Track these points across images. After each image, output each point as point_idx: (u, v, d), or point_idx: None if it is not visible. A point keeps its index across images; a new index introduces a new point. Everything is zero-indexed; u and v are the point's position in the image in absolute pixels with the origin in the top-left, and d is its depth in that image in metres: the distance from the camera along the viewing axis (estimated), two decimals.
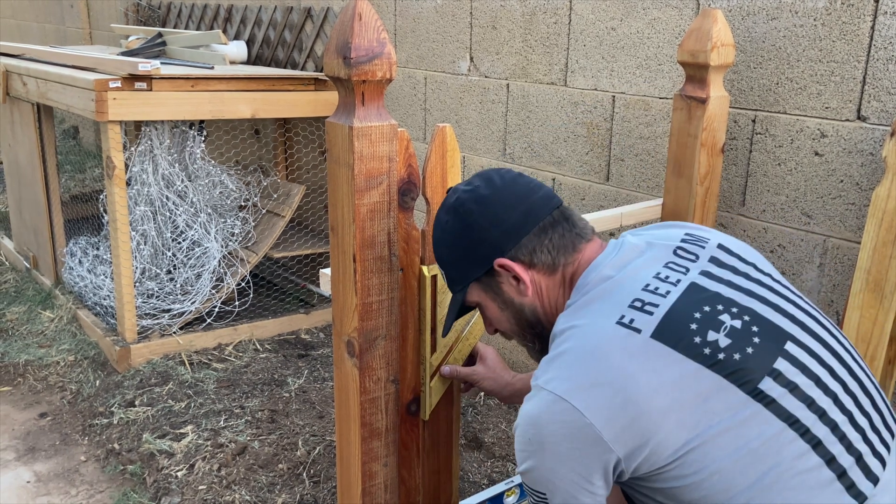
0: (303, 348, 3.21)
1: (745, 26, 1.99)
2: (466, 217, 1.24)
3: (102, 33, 5.93)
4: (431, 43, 2.99)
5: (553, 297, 1.25)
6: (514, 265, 1.22)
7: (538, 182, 1.28)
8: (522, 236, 1.22)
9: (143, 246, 3.20)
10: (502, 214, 1.22)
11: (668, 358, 1.05)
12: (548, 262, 1.23)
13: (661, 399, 1.02)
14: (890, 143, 1.65)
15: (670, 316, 1.09)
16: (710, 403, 1.03)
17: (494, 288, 1.27)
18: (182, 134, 3.24)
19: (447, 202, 1.28)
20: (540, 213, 1.23)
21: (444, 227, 1.28)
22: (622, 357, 1.06)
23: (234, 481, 2.26)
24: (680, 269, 1.16)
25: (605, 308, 1.12)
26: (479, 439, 2.52)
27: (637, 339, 1.07)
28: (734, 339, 1.07)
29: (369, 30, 1.24)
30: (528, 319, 1.28)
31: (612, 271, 1.17)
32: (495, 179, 1.26)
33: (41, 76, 3.26)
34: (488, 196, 1.23)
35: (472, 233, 1.24)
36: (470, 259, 1.26)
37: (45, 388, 2.86)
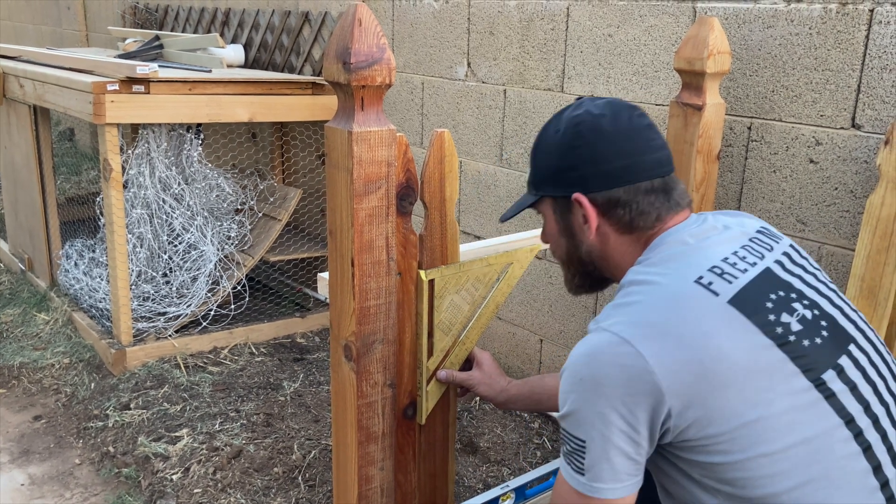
0: (298, 352, 3.21)
1: (741, 34, 2.00)
2: (575, 140, 1.22)
3: (99, 35, 5.93)
4: (429, 48, 3.00)
5: (620, 251, 1.24)
6: (589, 208, 1.22)
7: (662, 142, 1.25)
8: (613, 187, 1.20)
9: (139, 249, 3.20)
10: (608, 156, 1.20)
11: (742, 327, 1.04)
12: (624, 220, 1.21)
13: (729, 365, 1.01)
14: (884, 151, 1.66)
15: (748, 289, 1.08)
16: (775, 382, 1.02)
17: (563, 213, 1.27)
18: (179, 137, 3.24)
19: (573, 113, 1.25)
20: (643, 173, 1.21)
21: (551, 134, 1.27)
22: (698, 314, 1.05)
23: (229, 485, 2.26)
24: (756, 254, 1.16)
25: (683, 267, 1.11)
26: (475, 444, 2.52)
27: (715, 301, 1.06)
28: (805, 327, 1.07)
29: (369, 35, 1.25)
30: (580, 256, 1.29)
31: (691, 239, 1.17)
32: (623, 118, 1.22)
33: (38, 78, 3.26)
34: (607, 132, 1.21)
35: (571, 157, 1.22)
36: (555, 176, 1.25)
37: (40, 391, 2.86)
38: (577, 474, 1.09)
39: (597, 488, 1.07)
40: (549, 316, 2.71)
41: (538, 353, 2.79)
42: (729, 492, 1.04)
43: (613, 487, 1.07)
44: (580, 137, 1.21)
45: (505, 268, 1.62)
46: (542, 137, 1.29)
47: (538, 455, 2.48)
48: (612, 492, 1.07)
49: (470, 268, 1.55)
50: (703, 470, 1.05)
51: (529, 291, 2.77)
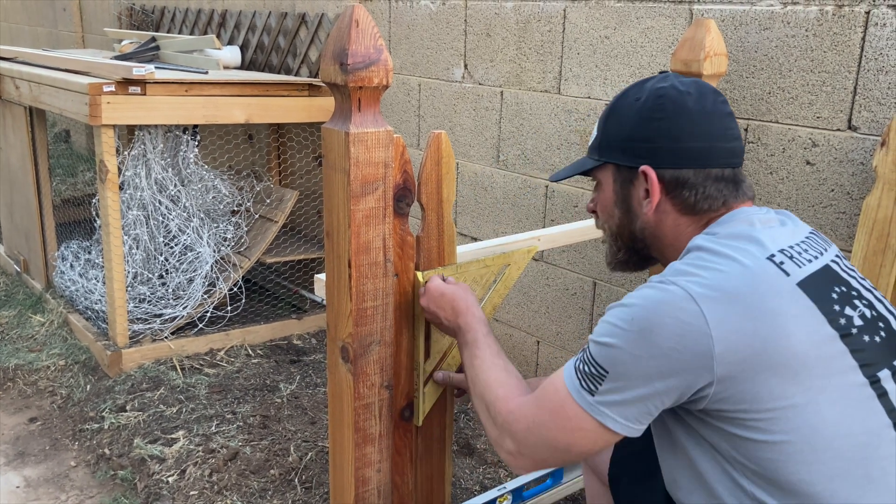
0: (295, 354, 3.21)
1: (737, 36, 2.00)
2: (656, 112, 1.19)
3: (95, 37, 5.92)
4: (426, 50, 3.00)
5: (676, 231, 1.22)
6: (655, 183, 1.19)
7: (738, 133, 1.23)
8: (684, 167, 1.18)
9: (135, 250, 3.19)
10: (686, 135, 1.18)
11: (809, 311, 1.03)
12: (688, 202, 1.19)
13: (789, 346, 1.00)
14: (880, 152, 1.67)
15: (815, 276, 1.08)
16: (832, 372, 1.01)
17: (624, 183, 1.24)
18: (175, 138, 3.24)
19: (657, 84, 1.22)
20: (716, 159, 1.19)
21: (631, 101, 1.23)
22: (768, 290, 1.03)
23: (225, 487, 2.25)
24: (815, 250, 1.15)
25: (755, 243, 1.09)
26: (472, 446, 2.52)
27: (785, 281, 1.05)
28: (865, 324, 1.06)
29: (366, 36, 1.24)
30: (632, 231, 1.26)
31: (758, 223, 1.15)
32: (708, 101, 1.20)
33: (34, 79, 3.25)
34: (690, 111, 1.18)
35: (648, 128, 1.20)
36: (626, 144, 1.22)
37: (35, 393, 2.85)
38: (585, 392, 1.08)
39: (602, 412, 1.06)
40: (545, 318, 2.71)
41: (535, 354, 2.79)
42: (756, 470, 1.02)
43: (616, 420, 1.06)
44: (662, 110, 1.19)
45: (502, 269, 1.62)
46: (618, 103, 1.26)
47: None
48: (614, 423, 1.06)
49: (467, 269, 1.55)
50: (733, 444, 1.04)
51: (526, 293, 2.77)
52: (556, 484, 2.06)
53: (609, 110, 1.27)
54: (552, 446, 1.12)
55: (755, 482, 1.03)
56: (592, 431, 1.08)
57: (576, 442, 1.10)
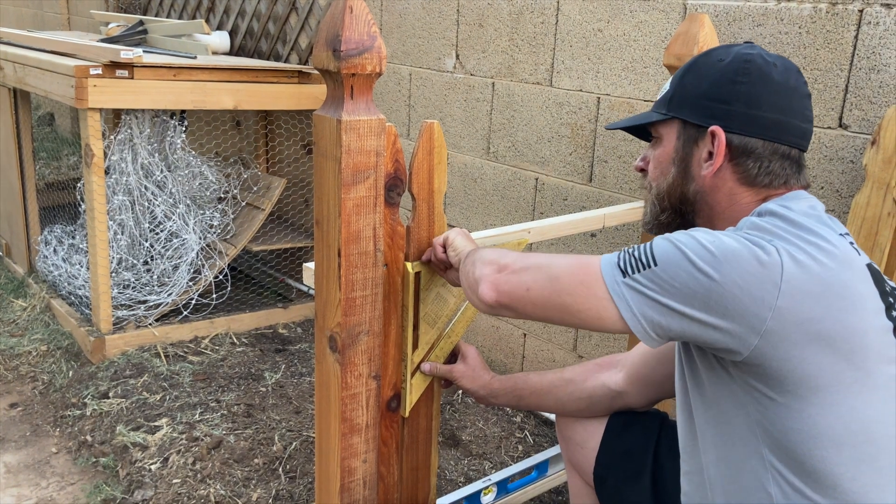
0: (280, 343, 3.19)
1: (731, 31, 2.00)
2: (739, 75, 1.16)
3: (81, 19, 5.85)
4: (417, 39, 2.98)
5: (731, 201, 1.18)
6: (723, 146, 1.15)
7: (812, 116, 1.21)
8: (756, 136, 1.15)
9: (120, 236, 3.16)
10: (764, 104, 1.15)
11: (873, 295, 1.02)
12: (751, 173, 1.16)
13: (852, 324, 0.99)
14: (870, 151, 1.67)
15: (872, 265, 1.07)
16: (881, 360, 1.00)
17: (688, 142, 1.20)
18: (162, 123, 3.20)
19: (744, 50, 1.18)
20: (787, 136, 1.16)
21: (714, 61, 1.19)
22: (844, 261, 1.01)
23: (208, 475, 2.24)
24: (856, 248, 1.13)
25: (824, 224, 1.07)
26: (457, 437, 2.52)
27: (858, 259, 1.04)
28: None
29: (360, 23, 1.23)
30: (684, 192, 1.22)
31: (818, 206, 1.14)
32: (792, 76, 1.17)
33: (19, 61, 3.20)
34: (774, 81, 1.15)
35: (728, 89, 1.16)
36: (700, 102, 1.19)
37: (16, 378, 2.82)
38: (617, 271, 1.04)
39: (622, 296, 1.03)
40: None
41: (521, 347, 2.79)
42: (781, 444, 1.01)
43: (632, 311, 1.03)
44: (746, 74, 1.15)
45: None
46: (701, 60, 1.22)
47: (520, 449, 2.48)
48: (628, 312, 1.03)
49: None
50: (763, 407, 1.02)
51: None
52: (541, 476, 2.06)
53: (688, 66, 1.23)
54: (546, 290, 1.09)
55: (780, 458, 1.02)
56: (601, 306, 1.04)
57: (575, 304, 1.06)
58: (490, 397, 1.65)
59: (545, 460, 2.06)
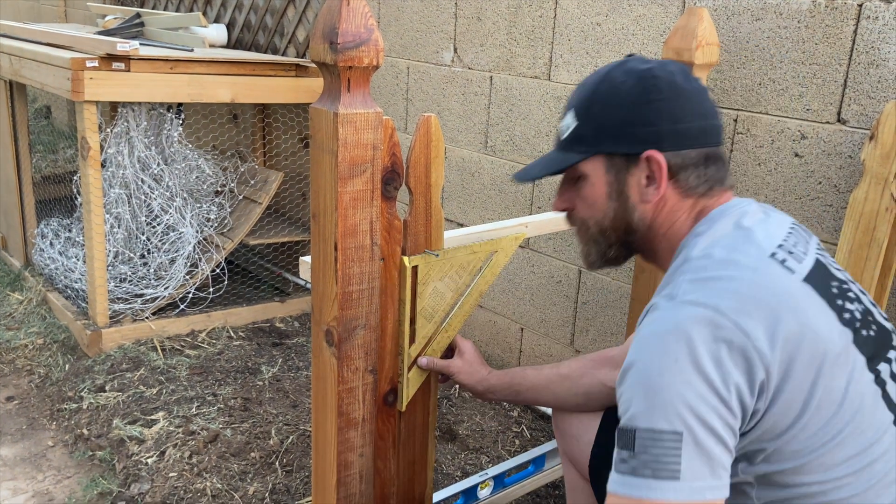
0: (277, 337, 3.19)
1: (729, 26, 1.99)
2: (651, 93, 1.12)
3: (78, 11, 5.82)
4: (415, 32, 2.97)
5: (675, 221, 1.16)
6: (664, 168, 1.12)
7: (716, 109, 1.19)
8: (687, 147, 1.13)
9: (116, 229, 3.15)
10: (686, 115, 1.12)
11: (820, 306, 1.00)
12: (691, 185, 1.14)
13: (822, 339, 0.97)
14: (869, 146, 1.67)
15: (815, 271, 1.04)
16: (850, 370, 0.99)
17: (620, 173, 1.16)
18: (159, 116, 3.19)
19: (640, 66, 1.15)
20: (713, 137, 1.15)
21: (617, 86, 1.14)
22: (783, 288, 0.99)
23: (205, 469, 2.24)
24: (803, 244, 1.11)
25: (754, 243, 1.05)
26: (454, 431, 2.52)
27: (793, 277, 1.01)
28: (861, 318, 1.04)
29: (357, 15, 1.22)
30: (629, 222, 1.18)
31: (748, 219, 1.10)
32: (692, 79, 1.15)
33: (15, 53, 3.19)
34: (682, 89, 1.13)
35: (647, 111, 1.12)
36: (621, 133, 1.14)
37: (13, 372, 2.81)
38: (667, 482, 0.91)
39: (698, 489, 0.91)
40: (530, 305, 2.71)
41: (519, 341, 2.79)
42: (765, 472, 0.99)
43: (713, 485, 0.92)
44: (657, 91, 1.12)
45: (489, 256, 1.61)
46: (600, 88, 1.17)
47: (517, 443, 2.48)
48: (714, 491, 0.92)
49: (454, 255, 1.53)
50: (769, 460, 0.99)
51: (511, 280, 2.76)
52: (538, 470, 2.06)
53: (589, 98, 1.18)
54: None
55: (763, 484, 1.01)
56: None
57: None
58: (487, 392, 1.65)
59: (542, 455, 2.06)
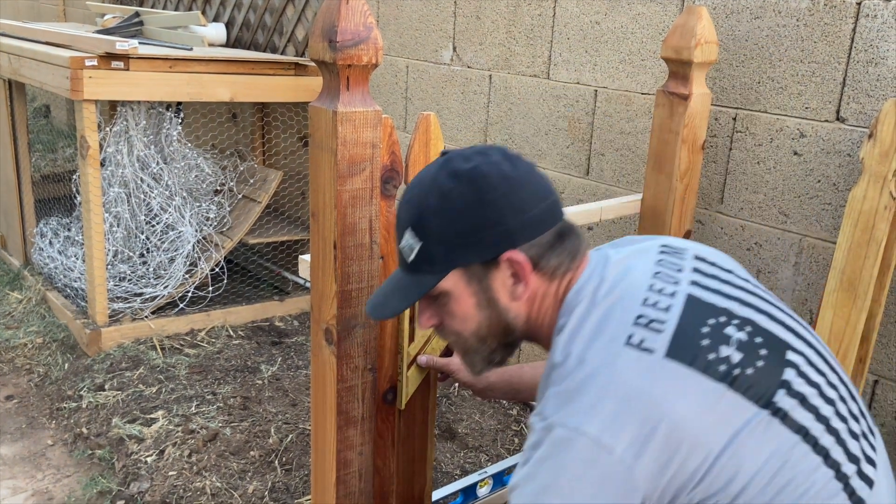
0: (276, 335, 3.19)
1: (728, 24, 2.00)
2: (487, 192, 1.06)
3: (77, 10, 5.82)
4: (414, 31, 2.97)
5: (545, 308, 1.13)
6: (525, 262, 1.08)
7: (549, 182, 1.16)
8: (541, 233, 1.08)
9: (115, 228, 3.15)
10: (528, 202, 1.07)
11: (687, 378, 0.98)
12: (553, 266, 1.10)
13: (692, 421, 0.96)
14: (867, 144, 1.67)
15: (679, 332, 1.01)
16: (732, 421, 0.97)
17: (483, 282, 1.11)
18: (158, 115, 3.19)
19: (463, 166, 1.08)
20: (558, 214, 1.11)
21: (448, 194, 1.08)
22: (641, 382, 0.97)
23: (204, 468, 2.24)
24: (670, 281, 1.08)
25: (609, 330, 1.02)
26: (453, 430, 2.52)
27: (651, 359, 0.98)
28: (745, 353, 1.01)
29: (356, 14, 1.22)
30: (506, 325, 1.14)
31: (604, 291, 1.07)
32: (516, 161, 1.10)
33: (14, 52, 3.19)
34: (514, 176, 1.08)
35: (489, 212, 1.06)
36: (471, 242, 1.08)
37: (12, 371, 2.81)
38: None
39: None
40: None
41: None
42: None
43: None
44: (491, 189, 1.06)
45: None
46: (431, 201, 1.09)
47: (516, 442, 2.48)
48: None
49: None
50: None
51: None
52: None
53: (423, 214, 1.10)
54: None
55: None
56: None
57: None
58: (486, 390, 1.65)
59: None
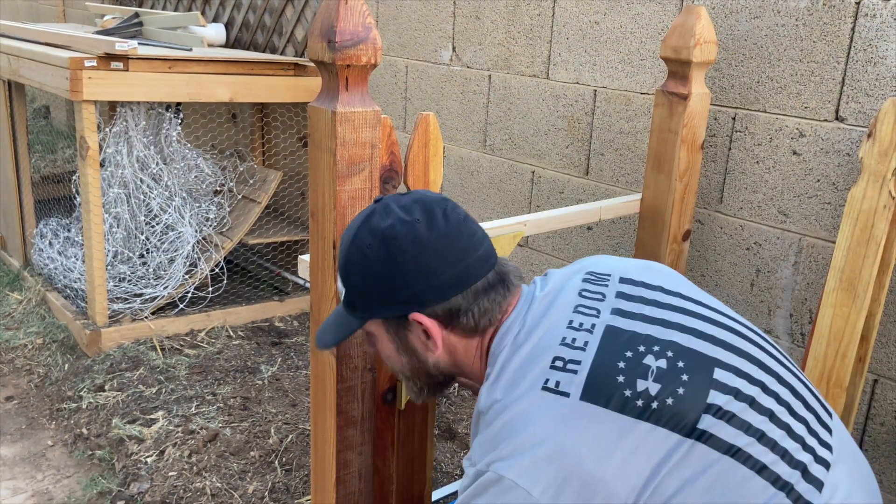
0: (276, 336, 3.19)
1: (727, 24, 2.00)
2: (397, 255, 1.09)
3: (76, 11, 5.82)
4: (414, 31, 2.97)
5: (470, 359, 1.17)
6: (431, 324, 1.12)
7: (483, 232, 1.17)
8: (451, 297, 1.11)
9: (115, 229, 3.15)
10: (437, 267, 1.10)
11: (602, 419, 0.99)
12: (469, 326, 1.13)
13: (607, 466, 0.96)
14: (867, 144, 1.67)
15: (595, 372, 1.02)
16: (651, 456, 0.98)
17: (399, 333, 1.16)
18: (158, 116, 3.19)
19: (381, 223, 1.11)
20: (476, 274, 1.12)
21: (364, 251, 1.12)
22: (556, 428, 0.99)
23: (204, 468, 2.24)
24: (591, 313, 1.10)
25: (528, 375, 1.04)
26: (453, 430, 2.52)
27: (566, 403, 1.00)
28: (664, 383, 1.01)
29: (355, 14, 1.23)
30: (427, 371, 1.20)
31: (524, 334, 1.10)
32: (438, 220, 1.11)
33: (13, 53, 3.19)
34: (427, 240, 1.10)
35: (397, 275, 1.10)
36: (383, 299, 1.13)
37: (12, 371, 2.81)
38: None
39: None
40: None
41: None
42: None
43: None
44: (401, 253, 1.09)
45: None
46: (351, 256, 1.14)
47: None
48: None
49: None
50: None
51: None
52: None
53: (345, 266, 1.15)
54: None
55: None
56: None
57: None
58: None
59: None
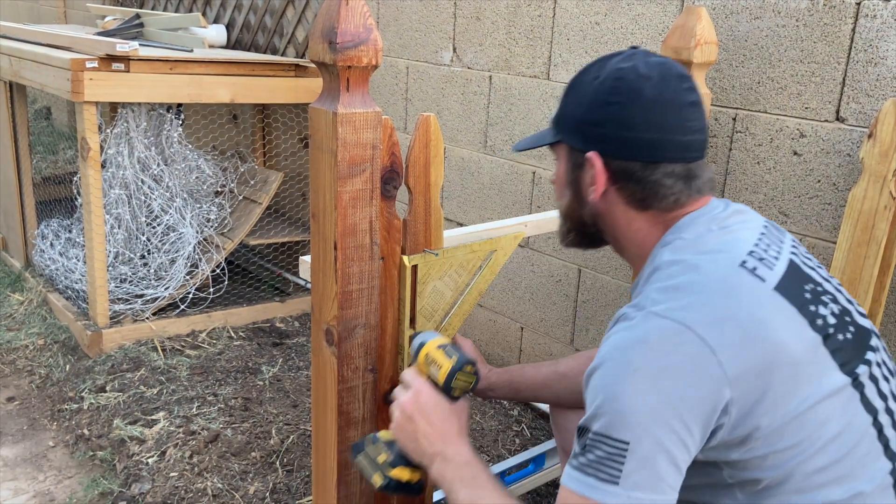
0: (277, 336, 3.19)
1: (728, 25, 2.00)
2: (611, 94, 1.11)
3: (77, 13, 5.82)
4: (414, 32, 2.97)
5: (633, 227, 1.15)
6: (601, 171, 1.13)
7: (700, 125, 1.14)
8: (631, 158, 1.11)
9: (116, 230, 3.16)
10: (637, 124, 1.10)
11: (791, 316, 1.00)
12: (636, 196, 1.13)
13: (787, 355, 0.96)
14: (867, 144, 1.67)
15: (786, 277, 1.03)
16: (820, 377, 0.98)
17: (574, 166, 1.18)
18: (159, 117, 3.19)
19: (619, 64, 1.13)
20: (666, 154, 1.11)
21: (591, 78, 1.15)
22: (751, 300, 0.98)
23: (206, 469, 2.24)
24: (776, 246, 1.10)
25: (725, 250, 1.04)
26: None
27: (762, 287, 1.00)
28: (837, 321, 1.03)
29: (356, 15, 1.23)
30: (581, 215, 1.21)
31: (717, 225, 1.09)
32: (669, 88, 1.10)
33: (15, 54, 3.19)
34: (646, 98, 1.10)
35: (601, 111, 1.12)
36: (578, 126, 1.15)
37: (13, 372, 2.81)
38: (607, 485, 0.93)
39: (636, 498, 0.92)
40: (529, 304, 2.71)
41: (518, 340, 2.79)
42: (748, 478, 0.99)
43: (654, 500, 0.93)
44: (617, 94, 1.11)
45: (488, 255, 1.61)
46: (579, 80, 1.18)
47: (517, 442, 2.48)
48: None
49: (454, 254, 1.54)
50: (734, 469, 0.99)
51: (511, 279, 2.76)
52: (538, 469, 2.06)
53: (570, 85, 1.20)
54: None
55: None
56: None
57: None
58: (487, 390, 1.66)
59: (542, 453, 2.06)
